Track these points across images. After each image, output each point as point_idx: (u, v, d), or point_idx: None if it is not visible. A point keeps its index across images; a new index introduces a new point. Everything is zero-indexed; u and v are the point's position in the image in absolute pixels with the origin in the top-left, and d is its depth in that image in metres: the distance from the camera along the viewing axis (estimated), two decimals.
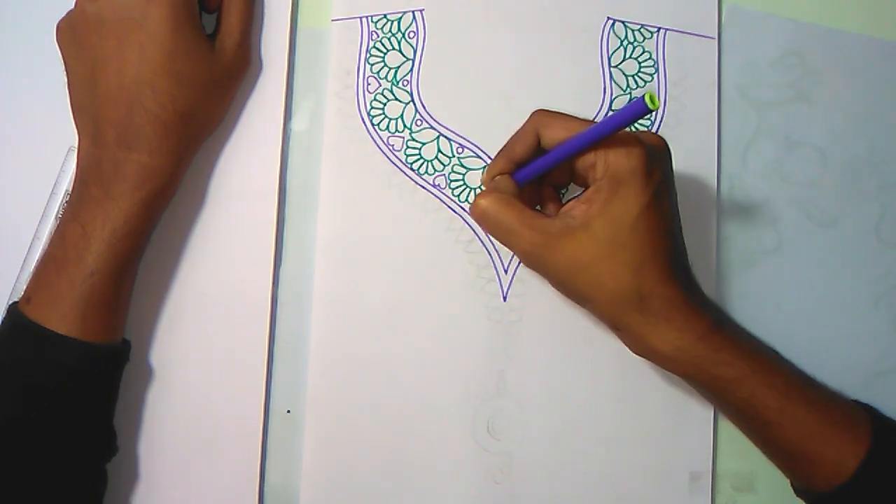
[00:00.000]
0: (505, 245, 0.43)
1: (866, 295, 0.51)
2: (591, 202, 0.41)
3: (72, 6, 0.43)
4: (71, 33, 0.43)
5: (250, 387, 0.46)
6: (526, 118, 0.46)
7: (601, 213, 0.40)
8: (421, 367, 0.48)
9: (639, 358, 0.48)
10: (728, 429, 0.49)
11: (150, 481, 0.46)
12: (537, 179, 0.44)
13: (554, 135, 0.42)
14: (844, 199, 0.52)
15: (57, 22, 0.44)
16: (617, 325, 0.43)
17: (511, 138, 0.44)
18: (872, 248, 0.51)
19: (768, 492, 0.49)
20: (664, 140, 0.43)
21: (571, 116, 0.43)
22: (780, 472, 0.49)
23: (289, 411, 0.47)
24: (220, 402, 0.46)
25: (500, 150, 0.45)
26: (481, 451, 0.48)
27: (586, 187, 0.43)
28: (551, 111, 0.43)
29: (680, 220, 0.44)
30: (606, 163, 0.41)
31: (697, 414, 0.49)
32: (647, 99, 0.36)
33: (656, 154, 0.41)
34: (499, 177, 0.44)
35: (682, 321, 0.42)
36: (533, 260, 0.42)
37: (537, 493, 0.48)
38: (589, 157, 0.41)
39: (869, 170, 0.52)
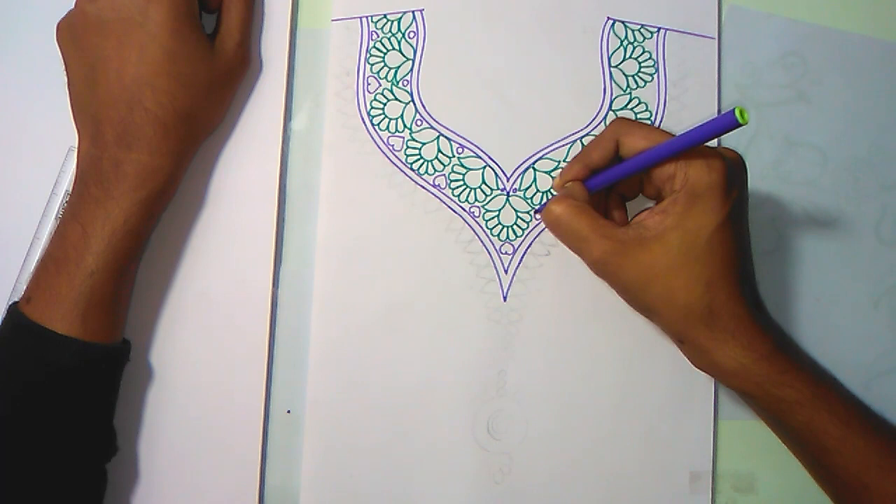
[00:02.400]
0: (576, 252, 0.43)
1: (866, 295, 0.51)
2: (666, 213, 0.41)
3: (72, 6, 0.43)
4: (71, 33, 0.43)
5: (250, 387, 0.46)
6: (526, 118, 0.46)
7: (677, 226, 0.40)
8: (421, 367, 0.48)
9: (638, 357, 0.49)
10: (728, 429, 0.49)
11: (150, 481, 0.46)
12: (605, 187, 0.44)
13: (634, 144, 0.42)
14: (844, 199, 0.52)
15: (57, 22, 0.44)
16: (682, 339, 0.42)
17: (588, 144, 0.44)
18: (872, 248, 0.51)
19: (768, 492, 0.49)
20: (742, 158, 0.42)
21: (652, 126, 0.42)
22: (780, 472, 0.49)
23: (289, 411, 0.47)
24: (220, 402, 0.46)
25: (576, 156, 0.44)
26: (481, 451, 0.48)
27: (657, 200, 0.42)
28: (632, 120, 0.43)
29: (750, 240, 0.43)
30: (686, 175, 0.40)
31: (697, 414, 0.49)
32: (737, 113, 0.36)
33: (736, 171, 0.41)
34: (570, 183, 0.44)
35: (749, 339, 0.41)
36: (604, 269, 0.42)
37: (537, 493, 0.48)
38: (668, 168, 0.41)
39: (869, 170, 0.52)
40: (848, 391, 0.47)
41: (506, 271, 0.49)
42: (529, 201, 0.49)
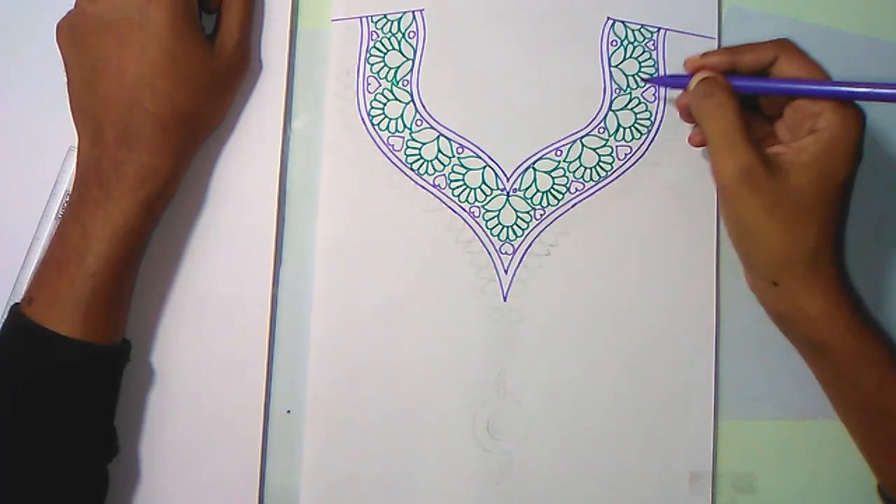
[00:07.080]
0: (715, 151, 0.41)
1: (866, 295, 0.51)
2: (804, 150, 0.40)
3: (72, 6, 0.43)
4: (71, 33, 0.43)
5: (250, 387, 0.47)
6: (526, 118, 0.46)
7: (814, 164, 0.40)
8: (421, 367, 0.48)
9: (638, 358, 0.48)
10: (728, 429, 0.49)
11: (150, 481, 0.46)
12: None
13: (791, 68, 0.41)
14: None
15: (57, 22, 0.44)
16: (778, 280, 0.42)
17: (743, 45, 0.43)
18: (872, 248, 0.51)
19: (768, 492, 0.49)
20: None
21: (815, 62, 0.42)
22: (780, 472, 0.49)
23: (289, 411, 0.47)
24: (220, 402, 0.46)
25: (727, 48, 0.43)
26: (481, 452, 0.48)
27: (783, 135, 0.42)
28: (797, 45, 0.42)
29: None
30: (834, 119, 0.40)
31: (697, 414, 0.49)
32: None
33: (863, 141, 0.42)
34: (717, 74, 0.42)
35: (838, 290, 0.41)
36: (743, 181, 0.40)
37: (537, 493, 0.48)
38: (815, 106, 0.41)
39: (869, 170, 0.52)
40: None
41: (506, 271, 0.49)
42: (529, 201, 0.49)
